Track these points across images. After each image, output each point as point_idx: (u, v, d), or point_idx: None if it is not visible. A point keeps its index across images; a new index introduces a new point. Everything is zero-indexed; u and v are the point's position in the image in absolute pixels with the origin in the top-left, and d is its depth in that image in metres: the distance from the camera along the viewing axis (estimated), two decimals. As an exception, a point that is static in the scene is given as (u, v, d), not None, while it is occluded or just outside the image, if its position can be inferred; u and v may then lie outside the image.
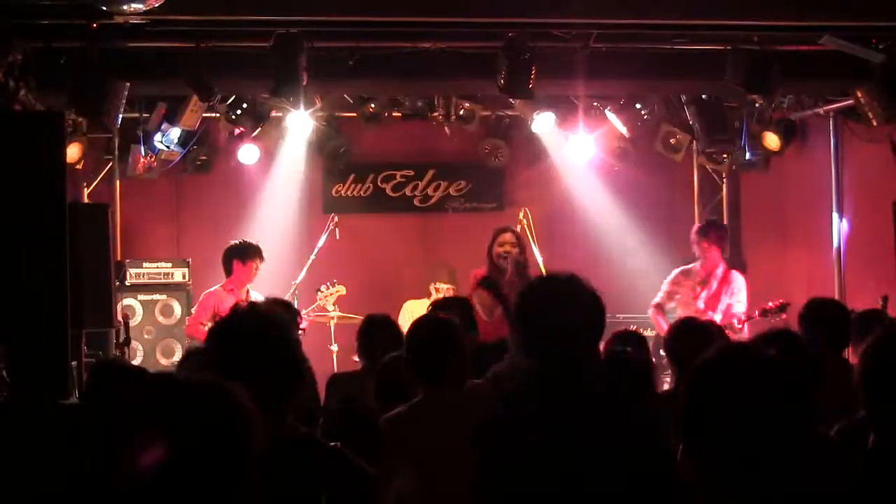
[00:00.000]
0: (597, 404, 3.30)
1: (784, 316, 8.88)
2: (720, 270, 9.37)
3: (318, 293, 9.67)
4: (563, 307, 3.35)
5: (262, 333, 3.33)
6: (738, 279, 9.41)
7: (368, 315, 6.54)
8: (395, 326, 6.46)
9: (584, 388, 3.31)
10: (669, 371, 7.28)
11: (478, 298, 8.19)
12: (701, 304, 9.24)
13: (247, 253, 9.15)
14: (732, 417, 2.56)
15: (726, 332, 8.63)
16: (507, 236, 8.64)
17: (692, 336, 5.61)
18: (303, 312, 9.02)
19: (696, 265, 9.46)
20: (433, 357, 4.73)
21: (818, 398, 3.28)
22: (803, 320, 5.71)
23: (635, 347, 5.76)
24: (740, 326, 9.01)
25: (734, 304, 9.29)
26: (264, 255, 9.30)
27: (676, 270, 9.58)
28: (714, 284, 9.29)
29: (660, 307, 9.43)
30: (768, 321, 8.64)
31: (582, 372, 3.32)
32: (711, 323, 7.02)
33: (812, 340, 5.24)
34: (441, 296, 10.18)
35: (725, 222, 12.01)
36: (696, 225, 9.69)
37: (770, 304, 9.06)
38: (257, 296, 9.14)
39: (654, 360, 6.67)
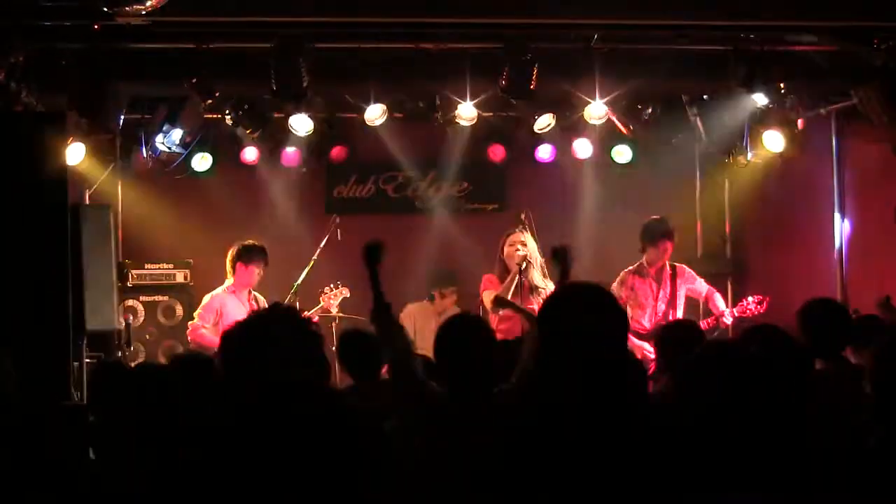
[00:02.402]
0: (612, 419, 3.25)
1: (761, 311, 8.91)
2: (666, 266, 9.29)
3: (323, 294, 9.66)
4: (589, 318, 3.28)
5: (298, 333, 3.34)
6: (687, 269, 9.42)
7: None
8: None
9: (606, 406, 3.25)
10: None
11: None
12: (662, 306, 9.17)
13: (250, 256, 9.12)
14: (717, 413, 2.57)
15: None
16: (517, 236, 8.69)
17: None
18: (307, 313, 9.01)
19: (643, 262, 9.30)
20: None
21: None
22: (799, 321, 5.61)
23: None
24: (731, 321, 9.04)
25: (699, 289, 9.27)
26: (269, 258, 9.27)
27: (625, 272, 9.34)
28: (668, 282, 9.23)
29: None
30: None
31: (606, 390, 3.26)
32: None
33: (809, 340, 5.23)
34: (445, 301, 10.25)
35: (727, 222, 12.02)
36: (654, 224, 9.41)
37: (749, 299, 9.07)
38: (260, 299, 9.13)
39: None
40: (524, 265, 8.53)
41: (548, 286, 8.41)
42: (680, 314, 9.19)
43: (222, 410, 2.64)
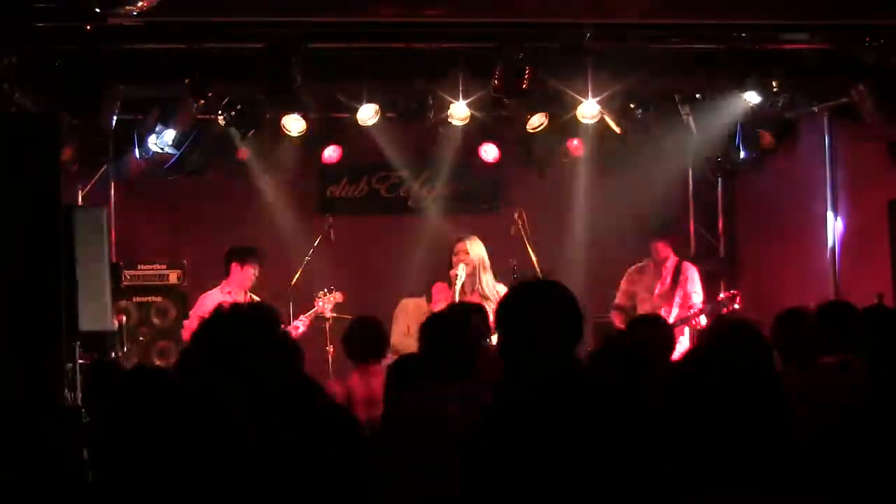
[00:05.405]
0: (582, 413, 3.26)
1: (738, 306, 9.00)
2: (670, 263, 9.49)
3: (317, 300, 9.66)
4: (541, 314, 3.31)
5: (251, 325, 3.36)
6: (691, 270, 9.51)
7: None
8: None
9: (568, 396, 3.27)
10: None
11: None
12: (657, 301, 9.28)
13: (245, 257, 9.14)
14: (707, 420, 2.58)
15: (689, 323, 9.07)
16: (459, 245, 8.36)
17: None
18: (301, 317, 9.04)
19: (647, 261, 9.58)
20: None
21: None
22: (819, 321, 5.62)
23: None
24: (696, 321, 9.08)
25: (691, 294, 9.36)
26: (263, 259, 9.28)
27: (630, 269, 9.68)
28: (667, 278, 9.35)
29: (620, 308, 9.44)
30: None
31: (564, 380, 3.29)
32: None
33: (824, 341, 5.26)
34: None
35: (720, 221, 12.04)
36: (651, 223, 9.71)
37: (721, 295, 9.21)
38: (256, 300, 9.13)
39: None
40: (462, 274, 8.29)
41: (500, 291, 8.10)
42: (675, 311, 9.25)
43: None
